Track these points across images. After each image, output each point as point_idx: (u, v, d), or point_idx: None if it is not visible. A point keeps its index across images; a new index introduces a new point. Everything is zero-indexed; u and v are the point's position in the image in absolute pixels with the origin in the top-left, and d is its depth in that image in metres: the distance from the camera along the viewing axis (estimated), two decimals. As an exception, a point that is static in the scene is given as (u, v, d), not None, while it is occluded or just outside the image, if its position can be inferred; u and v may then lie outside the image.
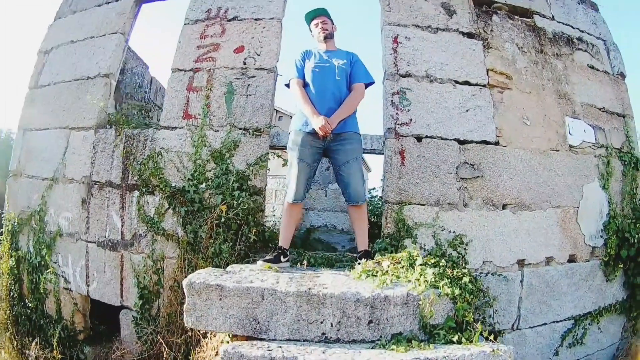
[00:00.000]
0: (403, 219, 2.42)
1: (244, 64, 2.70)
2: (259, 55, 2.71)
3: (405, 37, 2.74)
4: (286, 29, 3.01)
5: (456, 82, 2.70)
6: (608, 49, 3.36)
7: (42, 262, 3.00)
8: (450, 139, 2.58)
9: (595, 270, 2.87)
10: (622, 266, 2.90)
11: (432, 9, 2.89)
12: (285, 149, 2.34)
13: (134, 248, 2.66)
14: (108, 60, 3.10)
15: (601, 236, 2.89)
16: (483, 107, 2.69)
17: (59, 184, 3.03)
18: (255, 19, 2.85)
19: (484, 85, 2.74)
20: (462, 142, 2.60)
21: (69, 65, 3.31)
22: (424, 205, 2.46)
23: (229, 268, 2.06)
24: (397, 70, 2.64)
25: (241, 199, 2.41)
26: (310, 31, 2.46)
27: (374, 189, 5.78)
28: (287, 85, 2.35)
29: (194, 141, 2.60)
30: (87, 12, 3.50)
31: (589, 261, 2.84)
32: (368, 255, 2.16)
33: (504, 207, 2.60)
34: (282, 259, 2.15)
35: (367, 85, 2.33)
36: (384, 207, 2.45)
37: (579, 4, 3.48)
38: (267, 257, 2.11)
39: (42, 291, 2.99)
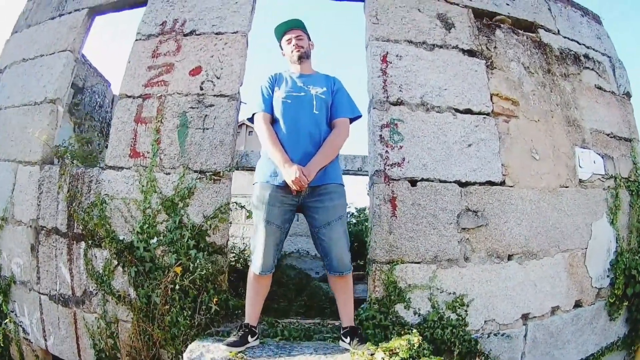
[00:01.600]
0: (394, 281, 1.54)
1: (201, 89, 1.70)
2: (218, 78, 1.71)
3: (397, 56, 1.74)
4: (253, 46, 2.02)
5: (457, 110, 1.74)
6: (614, 67, 2.40)
7: (1, 309, 2.17)
8: (451, 181, 1.65)
9: (600, 311, 2.05)
10: (626, 304, 2.13)
11: (427, 22, 1.88)
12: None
13: (86, 307, 1.77)
14: (55, 83, 2.08)
15: (607, 275, 2.04)
16: (487, 140, 1.74)
17: (8, 225, 2.07)
18: (216, 34, 1.82)
19: (488, 114, 1.78)
20: (463, 185, 1.67)
21: (19, 87, 2.27)
22: (419, 263, 1.57)
23: (187, 351, 1.24)
24: (387, 97, 1.66)
25: (198, 260, 1.50)
26: (281, 49, 1.49)
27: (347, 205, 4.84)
28: (251, 120, 1.40)
29: (142, 186, 1.64)
30: (41, 26, 2.42)
31: (594, 304, 2.03)
32: (355, 333, 1.30)
33: (509, 258, 1.72)
34: (249, 339, 1.29)
35: (352, 120, 1.40)
36: (371, 267, 1.55)
37: (582, 16, 2.47)
38: (232, 339, 1.26)
39: (3, 339, 2.18)
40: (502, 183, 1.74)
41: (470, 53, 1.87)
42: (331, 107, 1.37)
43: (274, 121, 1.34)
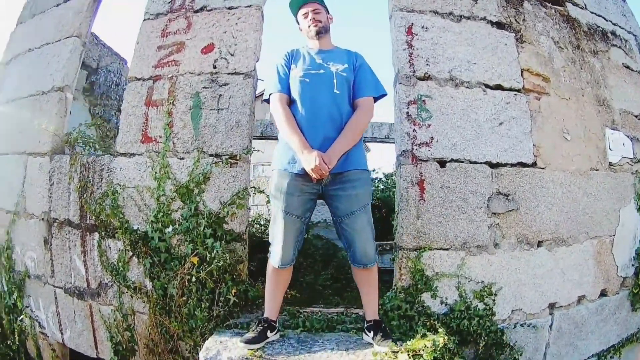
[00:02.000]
0: (421, 269, 1.37)
1: (214, 67, 1.49)
2: (232, 55, 1.49)
3: (422, 27, 1.52)
4: (270, 20, 1.80)
5: (487, 86, 1.52)
6: (639, 45, 2.18)
7: (16, 304, 2.03)
8: (481, 162, 1.45)
9: (624, 301, 1.86)
10: (648, 292, 1.98)
11: None
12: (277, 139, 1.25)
13: (102, 299, 1.61)
14: (62, 70, 1.86)
15: (632, 265, 1.90)
16: (519, 118, 1.53)
17: (21, 219, 1.90)
18: (229, 8, 1.59)
19: (519, 90, 1.56)
20: (494, 166, 1.47)
21: (25, 78, 2.07)
22: (447, 250, 1.38)
23: (203, 349, 1.09)
24: (414, 72, 1.45)
25: (215, 250, 1.33)
26: (298, 24, 1.29)
27: (374, 170, 4.35)
28: (267, 101, 1.20)
29: (155, 172, 1.46)
30: (46, 15, 2.20)
31: (618, 293, 1.86)
32: (379, 327, 1.14)
33: (539, 244, 1.52)
34: (269, 334, 1.13)
35: (376, 99, 1.20)
36: (398, 254, 1.37)
37: (607, -9, 2.24)
38: (250, 336, 1.10)
39: (19, 334, 2.04)
40: (534, 164, 1.54)
41: (499, 25, 1.64)
42: (353, 85, 1.17)
43: (291, 102, 1.15)
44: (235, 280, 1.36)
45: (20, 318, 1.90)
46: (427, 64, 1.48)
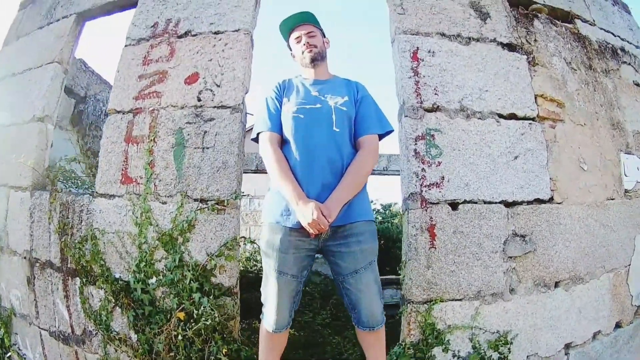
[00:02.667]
0: (432, 323, 1.09)
1: (199, 100, 1.21)
2: (218, 86, 1.20)
3: (429, 52, 1.24)
4: (260, 45, 1.47)
5: (500, 115, 1.25)
6: (648, 61, 1.91)
7: (3, 340, 1.78)
8: (496, 202, 1.18)
9: (637, 329, 1.63)
10: (658, 318, 1.74)
11: (459, 11, 1.35)
12: None
13: (87, 346, 1.34)
14: (42, 99, 1.57)
15: None
16: (534, 150, 1.26)
17: (4, 255, 1.63)
18: (215, 33, 1.31)
19: (534, 119, 1.29)
20: (510, 205, 1.21)
21: (7, 105, 1.76)
22: (460, 300, 1.12)
23: None
24: (421, 103, 1.17)
25: (203, 306, 1.09)
26: (290, 49, 1.01)
27: (372, 201, 4.33)
28: (256, 140, 0.93)
29: (136, 217, 1.18)
30: (29, 38, 1.90)
31: (632, 322, 1.63)
32: None
33: (556, 285, 1.25)
34: None
35: (382, 137, 0.93)
36: (406, 308, 1.10)
37: (613, 5, 1.92)
38: None
39: None
40: (550, 200, 1.27)
41: (510, 47, 1.36)
42: (355, 121, 0.90)
43: (283, 142, 0.88)
44: (225, 339, 1.09)
45: (8, 354, 1.65)
46: (436, 94, 1.20)
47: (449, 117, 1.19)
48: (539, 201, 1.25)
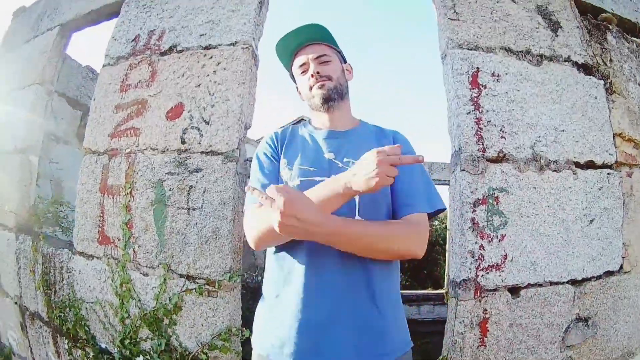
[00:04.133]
0: None
1: (183, 141, 0.83)
2: (207, 123, 0.81)
3: (493, 75, 0.78)
4: (267, 63, 1.00)
5: (577, 164, 0.80)
6: None
7: None
8: (564, 282, 0.75)
9: None
10: None
11: (525, 18, 0.86)
12: None
13: None
14: (23, 127, 1.29)
15: None
16: (611, 210, 0.81)
17: None
18: (205, 48, 0.90)
19: (611, 166, 0.83)
20: (577, 283, 0.77)
21: None
22: None
23: None
24: (484, 150, 0.73)
25: (193, 410, 0.83)
26: (293, 81, 0.56)
27: None
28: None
29: (116, 287, 0.87)
30: (16, 53, 1.56)
31: None
32: None
33: None
34: None
35: (432, 215, 0.47)
36: None
37: None
38: None
39: None
40: (619, 269, 0.82)
41: (586, 69, 0.88)
42: (393, 194, 0.49)
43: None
44: None
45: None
46: (502, 136, 0.76)
47: (518, 170, 0.76)
48: (609, 274, 0.81)
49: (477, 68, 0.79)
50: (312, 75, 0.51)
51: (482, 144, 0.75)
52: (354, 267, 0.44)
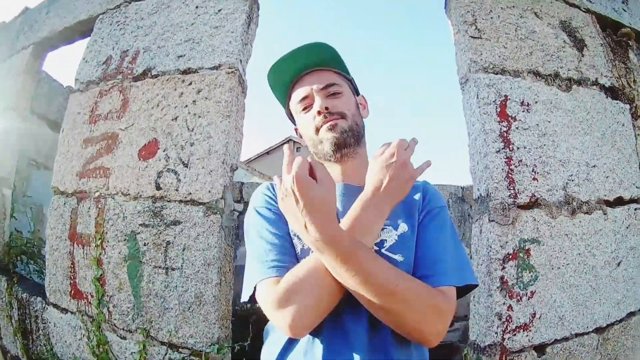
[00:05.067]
0: None
1: (157, 186, 0.65)
2: (185, 165, 0.64)
3: (523, 104, 0.61)
4: (254, 90, 0.83)
5: (607, 203, 0.64)
6: None
7: None
8: (589, 332, 0.61)
9: None
10: None
11: (551, 35, 0.70)
12: None
13: None
14: None
15: None
16: (637, 249, 0.66)
17: None
18: (183, 72, 0.72)
19: (637, 200, 0.67)
20: (601, 330, 0.63)
21: None
22: None
23: None
24: (515, 196, 0.57)
25: None
26: (291, 121, 0.39)
27: None
28: (249, 302, 0.33)
29: (93, 347, 0.72)
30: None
31: None
32: None
33: None
34: None
35: (461, 292, 0.30)
36: None
37: None
38: None
39: None
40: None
41: (612, 92, 0.73)
42: (417, 256, 0.33)
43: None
44: None
45: None
46: (535, 178, 0.60)
47: (550, 216, 0.61)
48: (630, 314, 0.67)
49: (505, 96, 0.62)
50: (318, 113, 0.35)
51: (514, 189, 0.59)
52: (382, 347, 0.30)
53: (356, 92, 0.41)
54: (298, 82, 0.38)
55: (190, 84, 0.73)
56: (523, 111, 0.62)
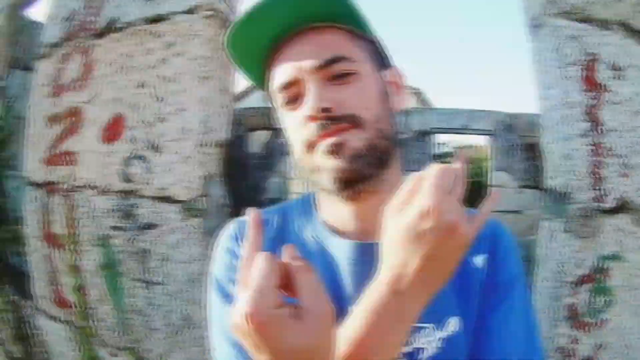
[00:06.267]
0: None
1: (126, 178, 0.47)
2: (156, 149, 0.43)
3: (614, 67, 0.33)
4: None
5: None
6: None
7: None
8: None
9: None
10: None
11: None
12: None
13: None
14: None
15: None
16: None
17: None
18: (152, 21, 0.50)
19: None
20: None
21: None
22: None
23: None
24: (601, 198, 0.34)
25: None
26: (272, 105, 0.19)
27: None
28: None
29: (84, 358, 0.72)
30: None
31: None
32: None
33: None
34: None
35: None
36: None
37: None
38: None
39: None
40: None
41: None
42: (480, 329, 0.16)
43: None
44: None
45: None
46: (624, 173, 0.34)
47: (636, 224, 0.37)
48: None
49: (594, 55, 0.37)
50: (312, 118, 0.17)
51: (599, 189, 0.37)
52: None
53: (383, 64, 0.20)
54: (281, 51, 0.19)
55: (159, 36, 0.52)
56: (614, 78, 0.37)
